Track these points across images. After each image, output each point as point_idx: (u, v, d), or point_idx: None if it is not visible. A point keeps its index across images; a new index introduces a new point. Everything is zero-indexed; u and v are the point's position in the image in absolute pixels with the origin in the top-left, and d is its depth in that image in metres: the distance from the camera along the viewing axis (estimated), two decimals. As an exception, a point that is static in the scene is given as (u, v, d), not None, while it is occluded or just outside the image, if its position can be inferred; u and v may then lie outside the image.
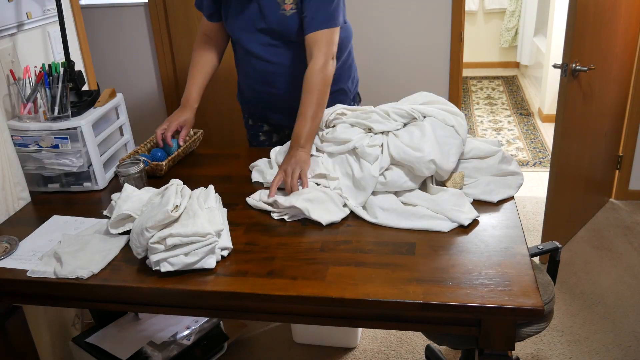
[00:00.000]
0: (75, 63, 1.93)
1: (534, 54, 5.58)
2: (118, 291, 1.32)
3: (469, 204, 1.50)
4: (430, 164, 1.51)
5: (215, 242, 1.33)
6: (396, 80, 3.32)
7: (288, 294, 1.23)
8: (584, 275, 2.67)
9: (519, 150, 4.18)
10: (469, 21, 6.27)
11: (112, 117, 1.97)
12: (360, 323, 1.49)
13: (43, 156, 1.75)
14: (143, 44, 3.45)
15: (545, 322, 1.57)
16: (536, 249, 1.67)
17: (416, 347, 2.28)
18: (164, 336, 2.03)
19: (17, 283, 1.37)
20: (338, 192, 1.57)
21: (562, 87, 2.43)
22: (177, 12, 3.34)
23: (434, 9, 3.13)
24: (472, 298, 1.17)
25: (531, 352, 2.22)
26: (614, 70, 2.81)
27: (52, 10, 2.02)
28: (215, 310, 1.40)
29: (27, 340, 1.57)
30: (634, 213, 3.18)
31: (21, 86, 1.76)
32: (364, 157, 1.56)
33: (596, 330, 2.32)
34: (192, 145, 2.03)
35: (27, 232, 1.56)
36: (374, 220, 1.48)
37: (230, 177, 1.78)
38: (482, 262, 1.29)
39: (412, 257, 1.33)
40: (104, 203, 1.70)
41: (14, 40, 1.84)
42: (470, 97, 5.50)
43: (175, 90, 3.53)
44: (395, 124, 1.64)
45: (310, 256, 1.35)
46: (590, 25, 2.43)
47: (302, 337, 2.31)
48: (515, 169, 1.62)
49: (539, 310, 1.13)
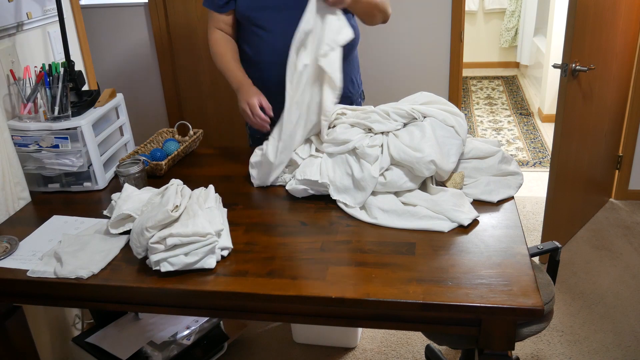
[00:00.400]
0: (75, 63, 1.93)
1: (534, 54, 5.58)
2: (118, 291, 1.32)
3: (469, 204, 1.50)
4: (430, 164, 1.51)
5: (215, 242, 1.33)
6: (396, 80, 3.32)
7: (288, 294, 1.23)
8: (583, 275, 2.67)
9: (518, 150, 4.18)
10: (469, 21, 6.27)
11: (112, 117, 1.97)
12: (360, 323, 1.50)
13: (43, 156, 1.75)
14: (143, 44, 3.45)
15: (545, 322, 1.57)
16: (536, 249, 1.67)
17: (416, 347, 2.28)
18: (164, 336, 2.03)
19: (17, 283, 1.37)
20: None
21: (562, 87, 2.43)
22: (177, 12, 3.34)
23: (434, 9, 3.13)
24: (472, 298, 1.17)
25: (531, 352, 2.22)
26: (614, 70, 2.81)
27: (52, 10, 2.02)
28: (215, 310, 1.40)
29: (27, 340, 1.57)
30: (634, 213, 3.19)
31: (21, 86, 1.76)
32: (364, 157, 1.56)
33: (596, 330, 2.32)
34: (192, 145, 2.03)
35: (27, 232, 1.56)
36: (374, 221, 1.48)
37: (230, 177, 1.79)
38: (482, 262, 1.29)
39: (412, 257, 1.33)
40: (104, 203, 1.70)
41: (14, 40, 1.84)
42: (470, 97, 5.50)
43: (176, 90, 3.53)
44: (395, 124, 1.64)
45: (310, 256, 1.36)
46: (590, 25, 2.43)
47: (302, 337, 2.31)
48: (515, 169, 1.62)
49: (539, 310, 1.13)
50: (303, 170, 1.62)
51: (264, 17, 1.84)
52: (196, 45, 3.41)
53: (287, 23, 1.77)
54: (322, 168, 1.62)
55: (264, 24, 1.85)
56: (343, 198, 1.57)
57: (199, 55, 3.42)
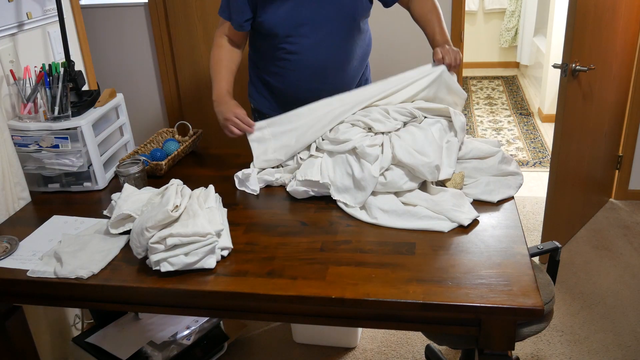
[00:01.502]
0: (75, 63, 1.93)
1: (534, 54, 5.58)
2: (118, 291, 1.32)
3: (469, 204, 1.50)
4: (435, 169, 1.52)
5: (215, 242, 1.33)
6: (396, 80, 3.32)
7: (288, 294, 1.23)
8: (583, 275, 2.67)
9: (518, 150, 4.18)
10: (469, 21, 6.26)
11: (112, 117, 1.97)
12: (360, 323, 1.50)
13: (43, 156, 1.75)
14: (143, 44, 3.45)
15: (545, 322, 1.58)
16: (536, 249, 1.67)
17: (416, 347, 2.28)
18: (164, 336, 2.03)
19: (17, 283, 1.37)
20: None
21: (562, 87, 2.43)
22: (177, 12, 3.34)
23: (434, 9, 3.13)
24: (472, 298, 1.17)
25: (531, 352, 2.22)
26: (614, 70, 2.81)
27: (52, 10, 2.02)
28: (215, 310, 1.40)
29: (27, 340, 1.57)
30: (634, 213, 3.18)
31: (21, 86, 1.76)
32: (364, 157, 1.56)
33: (596, 330, 2.32)
34: (192, 145, 2.03)
35: (27, 232, 1.56)
36: (374, 221, 1.48)
37: (230, 177, 1.78)
38: (482, 262, 1.29)
39: (412, 257, 1.33)
40: (104, 203, 1.70)
41: (14, 40, 1.84)
42: (470, 97, 5.50)
43: (176, 90, 3.54)
44: (395, 123, 1.64)
45: (310, 256, 1.35)
46: (590, 25, 2.43)
47: (302, 337, 2.31)
48: (515, 169, 1.62)
49: (538, 310, 1.13)
50: (304, 171, 1.62)
51: (297, 33, 1.79)
52: (196, 45, 3.41)
53: (320, 38, 1.79)
54: (323, 168, 1.62)
55: (294, 41, 1.80)
56: (343, 198, 1.57)
57: (199, 55, 3.42)
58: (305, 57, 1.82)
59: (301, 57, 1.82)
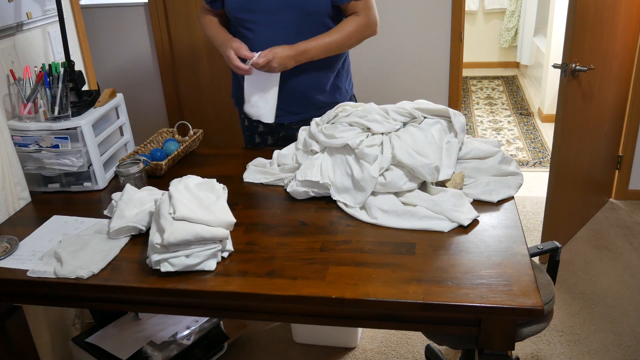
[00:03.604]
0: (75, 63, 1.93)
1: (534, 54, 5.58)
2: (118, 291, 1.32)
3: (469, 204, 1.50)
4: (434, 171, 1.52)
5: (218, 248, 1.33)
6: (396, 80, 3.32)
7: (288, 294, 1.23)
8: (583, 275, 2.67)
9: (518, 150, 4.18)
10: (469, 21, 6.27)
11: (112, 117, 1.97)
12: (360, 323, 1.50)
13: (43, 156, 1.75)
14: (143, 44, 3.45)
15: (545, 322, 1.58)
16: (536, 249, 1.67)
17: (416, 347, 2.28)
18: (164, 336, 2.03)
19: (17, 283, 1.37)
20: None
21: (562, 87, 2.43)
22: (177, 12, 3.34)
23: (434, 9, 3.13)
24: (472, 298, 1.17)
25: (531, 352, 2.22)
26: (614, 70, 2.81)
27: (52, 10, 2.02)
28: (215, 310, 1.40)
29: (27, 340, 1.57)
30: (634, 213, 3.19)
31: (21, 86, 1.76)
32: (363, 157, 1.56)
33: (596, 330, 2.32)
34: (192, 145, 2.03)
35: (27, 232, 1.56)
36: (374, 221, 1.48)
37: (230, 177, 1.79)
38: (482, 262, 1.29)
39: (412, 257, 1.33)
40: (104, 203, 1.70)
41: (14, 40, 1.84)
42: (470, 97, 5.50)
43: (176, 90, 3.54)
44: (394, 123, 1.64)
45: (310, 256, 1.36)
46: (590, 25, 2.43)
47: (302, 337, 2.31)
48: (515, 169, 1.62)
49: (538, 310, 1.13)
50: (304, 172, 1.62)
51: (252, 19, 1.86)
52: (196, 45, 3.41)
53: (276, 27, 1.82)
54: (322, 168, 1.62)
55: (251, 27, 1.87)
56: (343, 198, 1.57)
57: (199, 55, 3.42)
58: (261, 45, 1.84)
59: (258, 44, 1.85)
